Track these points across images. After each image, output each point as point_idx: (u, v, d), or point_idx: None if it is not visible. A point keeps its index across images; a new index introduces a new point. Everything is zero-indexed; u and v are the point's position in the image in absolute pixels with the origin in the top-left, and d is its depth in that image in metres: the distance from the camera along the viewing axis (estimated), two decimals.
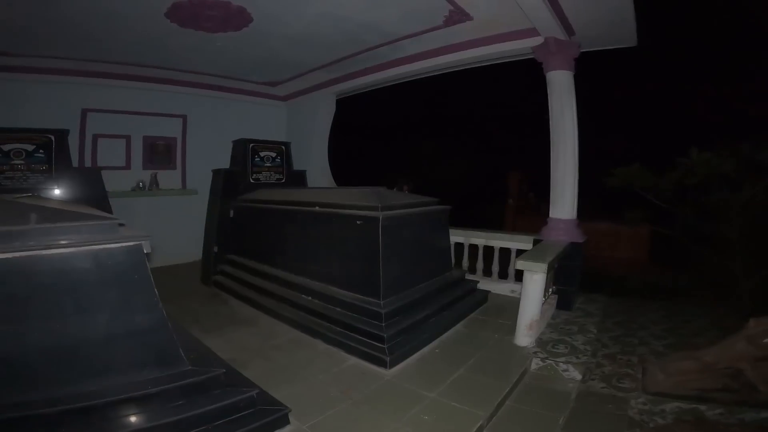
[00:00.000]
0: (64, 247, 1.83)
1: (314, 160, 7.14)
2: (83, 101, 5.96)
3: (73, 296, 1.86)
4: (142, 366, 1.97)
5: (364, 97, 7.46)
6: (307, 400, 2.64)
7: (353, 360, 3.21)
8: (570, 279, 4.46)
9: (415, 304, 3.57)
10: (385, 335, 3.08)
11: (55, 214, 1.98)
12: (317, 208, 4.02)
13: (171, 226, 6.53)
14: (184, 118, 6.90)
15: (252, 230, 5.11)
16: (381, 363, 3.03)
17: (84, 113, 6.00)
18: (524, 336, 3.49)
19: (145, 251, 1.96)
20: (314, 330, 3.60)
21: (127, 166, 6.39)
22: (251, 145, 5.73)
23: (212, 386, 2.11)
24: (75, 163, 5.67)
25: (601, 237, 8.41)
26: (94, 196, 4.64)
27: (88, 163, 6.06)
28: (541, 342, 3.55)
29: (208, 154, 6.69)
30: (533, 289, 3.53)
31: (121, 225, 2.03)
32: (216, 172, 5.60)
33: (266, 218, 4.83)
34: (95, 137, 6.11)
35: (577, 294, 4.62)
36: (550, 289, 4.37)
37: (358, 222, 3.49)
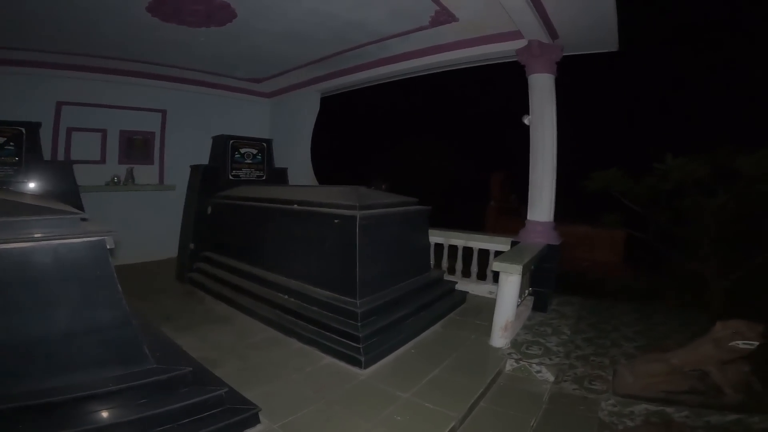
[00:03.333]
0: (22, 241, 1.76)
1: (297, 158, 7.07)
2: (58, 94, 5.79)
3: (32, 291, 1.79)
4: (104, 363, 1.91)
5: (348, 95, 7.41)
6: (279, 399, 2.61)
7: (328, 359, 3.18)
8: (546, 281, 4.51)
9: (392, 304, 3.56)
10: (360, 335, 3.06)
11: (14, 207, 1.91)
12: (296, 206, 3.98)
13: (147, 222, 6.40)
14: (164, 112, 6.75)
15: (229, 227, 5.03)
16: (356, 363, 3.01)
17: (59, 106, 5.83)
18: (499, 337, 3.52)
19: (108, 246, 1.91)
20: (290, 329, 3.55)
21: (102, 161, 6.22)
22: (231, 141, 5.64)
23: (178, 385, 2.07)
24: (48, 157, 5.52)
25: (577, 240, 8.56)
26: (65, 189, 4.54)
27: (61, 157, 5.87)
28: (516, 343, 3.58)
29: (188, 150, 6.52)
30: (509, 291, 3.56)
31: (83, 219, 1.97)
32: (194, 168, 5.49)
33: (244, 215, 4.76)
34: (69, 130, 5.94)
35: (552, 296, 4.68)
36: (527, 291, 4.42)
37: (336, 221, 3.46)
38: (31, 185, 4.34)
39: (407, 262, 4.08)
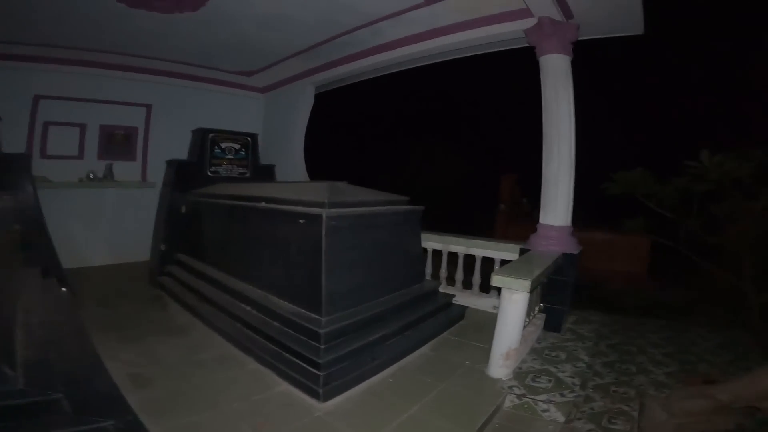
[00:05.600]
0: None
1: (290, 155, 6.59)
2: (36, 88, 5.50)
3: None
4: None
5: (345, 92, 6.96)
6: None
7: (284, 386, 2.62)
8: (561, 296, 3.84)
9: (369, 322, 2.96)
10: (320, 361, 2.48)
11: None
12: (263, 203, 3.44)
13: (127, 221, 6.05)
14: (149, 107, 6.36)
15: (200, 228, 4.53)
16: (314, 394, 2.44)
17: (36, 100, 5.52)
18: (499, 367, 2.87)
19: None
20: (247, 347, 3.01)
21: (80, 156, 5.86)
22: (210, 135, 5.18)
23: (45, 412, 1.55)
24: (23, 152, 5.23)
25: (597, 248, 7.78)
26: (20, 183, 4.13)
27: (37, 152, 5.55)
28: (520, 373, 2.93)
29: (175, 147, 6.02)
30: (513, 312, 2.90)
31: None
32: (169, 163, 5.07)
33: (213, 215, 4.27)
34: (46, 125, 5.61)
35: (568, 313, 4.01)
36: (537, 308, 3.77)
37: (300, 221, 2.90)
38: None
39: (393, 271, 3.47)
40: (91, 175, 5.72)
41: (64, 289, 4.18)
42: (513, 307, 2.87)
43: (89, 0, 4.01)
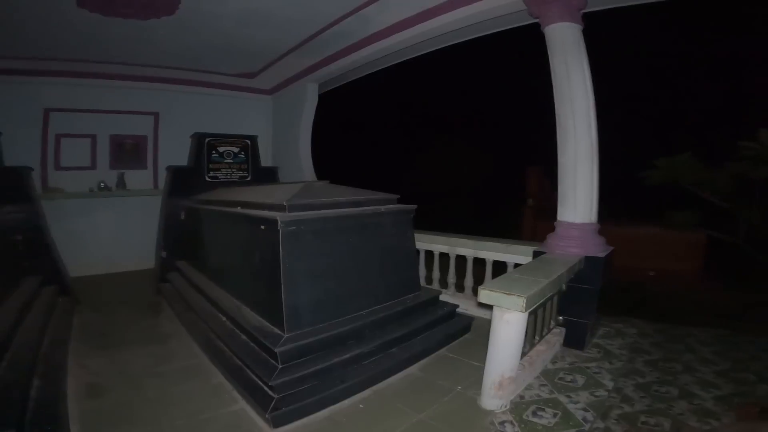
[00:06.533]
0: None
1: (297, 156, 6.37)
2: (45, 101, 5.65)
3: None
4: None
5: (358, 90, 6.67)
6: None
7: (240, 406, 2.38)
8: (583, 307, 3.23)
9: (342, 339, 2.61)
10: (273, 383, 2.18)
11: None
12: (239, 208, 3.18)
13: (139, 229, 6.07)
14: (156, 115, 6.39)
15: (194, 235, 4.40)
16: (266, 418, 2.15)
17: (46, 113, 5.68)
18: (491, 397, 2.38)
19: None
20: (216, 359, 2.81)
21: (93, 166, 5.97)
22: (207, 139, 5.06)
23: None
24: (37, 165, 5.41)
25: (642, 244, 6.91)
26: (23, 195, 4.22)
27: (51, 164, 5.72)
28: (519, 404, 2.43)
29: (184, 153, 5.99)
30: (506, 335, 2.38)
31: None
32: (167, 170, 5.00)
33: (201, 221, 4.12)
34: (58, 137, 5.76)
35: (593, 326, 3.40)
36: (552, 321, 3.22)
37: (261, 226, 2.60)
38: None
39: (377, 280, 3.07)
40: (102, 185, 5.81)
41: (64, 297, 4.25)
42: (507, 329, 2.35)
43: (58, 11, 3.98)
